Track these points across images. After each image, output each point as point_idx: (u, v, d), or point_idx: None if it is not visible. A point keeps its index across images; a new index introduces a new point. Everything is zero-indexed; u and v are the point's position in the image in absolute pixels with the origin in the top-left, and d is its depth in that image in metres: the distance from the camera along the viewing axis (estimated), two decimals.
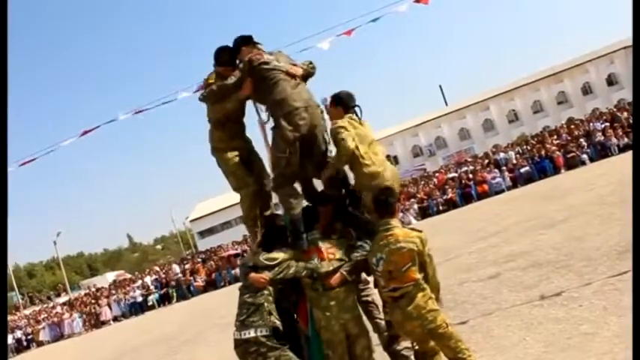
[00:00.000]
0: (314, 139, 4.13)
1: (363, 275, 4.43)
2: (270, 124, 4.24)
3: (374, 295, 4.58)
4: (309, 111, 4.04)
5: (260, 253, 4.07)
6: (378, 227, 3.81)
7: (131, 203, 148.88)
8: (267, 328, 3.78)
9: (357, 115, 4.24)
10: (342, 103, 4.23)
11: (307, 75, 4.32)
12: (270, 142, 4.35)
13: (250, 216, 4.51)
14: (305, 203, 4.33)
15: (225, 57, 4.33)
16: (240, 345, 3.86)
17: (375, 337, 4.40)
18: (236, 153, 4.39)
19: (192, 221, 69.54)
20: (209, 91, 4.21)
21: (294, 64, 4.25)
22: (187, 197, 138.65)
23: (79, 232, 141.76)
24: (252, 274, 3.95)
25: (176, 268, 28.54)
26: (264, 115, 4.36)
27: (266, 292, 3.89)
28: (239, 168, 4.39)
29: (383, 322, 4.42)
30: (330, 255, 3.94)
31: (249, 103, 4.52)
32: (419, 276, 3.90)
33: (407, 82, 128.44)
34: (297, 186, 4.34)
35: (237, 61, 4.31)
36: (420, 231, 3.94)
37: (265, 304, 3.86)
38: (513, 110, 59.50)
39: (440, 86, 78.07)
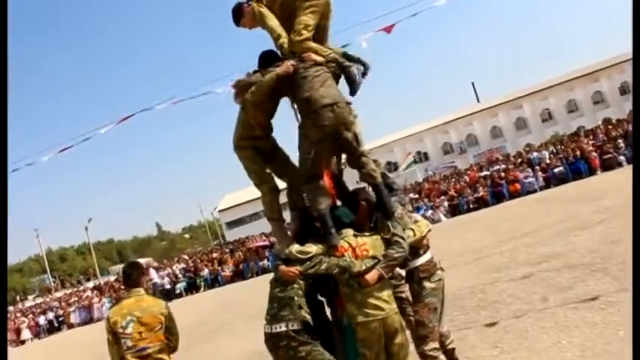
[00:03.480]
0: (343, 139, 4.06)
1: (398, 270, 4.38)
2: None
3: (407, 292, 4.52)
4: (335, 110, 3.95)
5: (293, 245, 4.03)
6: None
7: (161, 192, 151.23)
8: (297, 322, 3.74)
9: None
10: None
11: (340, 66, 4.26)
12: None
13: (273, 209, 4.54)
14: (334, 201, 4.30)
15: (267, 61, 4.34)
16: (270, 339, 3.84)
17: (408, 335, 4.34)
18: (256, 151, 4.43)
19: (220, 211, 70.20)
20: (246, 83, 4.23)
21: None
22: (216, 188, 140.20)
23: (110, 219, 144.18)
24: (282, 267, 3.92)
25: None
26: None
27: (296, 285, 3.85)
28: (259, 164, 4.45)
29: (413, 321, 4.36)
30: (363, 252, 3.87)
31: (285, 103, 4.51)
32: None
33: (439, 79, 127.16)
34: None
35: None
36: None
37: (295, 297, 3.82)
38: (547, 109, 58.38)
39: (472, 83, 76.79)
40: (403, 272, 4.39)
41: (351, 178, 4.74)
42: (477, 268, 9.95)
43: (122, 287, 28.07)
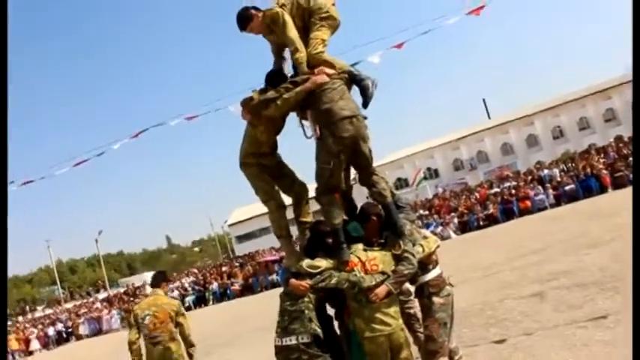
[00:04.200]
0: (359, 151, 4.11)
1: (406, 286, 4.41)
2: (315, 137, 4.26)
3: (416, 307, 4.55)
4: (354, 123, 4.02)
5: (303, 259, 4.09)
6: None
7: (172, 205, 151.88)
8: (308, 335, 3.78)
9: None
10: None
11: (353, 78, 4.33)
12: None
13: (281, 226, 4.57)
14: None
15: (276, 79, 4.40)
16: (281, 352, 3.88)
17: (415, 350, 4.37)
18: (262, 168, 4.47)
19: (230, 225, 70.37)
20: (262, 101, 4.22)
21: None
22: (226, 202, 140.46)
23: (120, 231, 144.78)
24: (293, 281, 3.97)
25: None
26: (309, 131, 4.37)
27: (306, 299, 3.89)
28: (265, 181, 4.49)
29: (422, 336, 4.39)
30: (373, 267, 3.91)
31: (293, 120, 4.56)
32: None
33: (450, 95, 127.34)
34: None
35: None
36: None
37: (306, 311, 3.86)
38: (558, 126, 58.21)
39: (483, 100, 76.69)
40: (412, 288, 4.43)
41: (360, 194, 4.79)
42: (486, 284, 9.94)
43: (132, 299, 28.24)
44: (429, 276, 4.19)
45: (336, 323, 4.29)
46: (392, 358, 3.82)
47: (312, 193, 4.52)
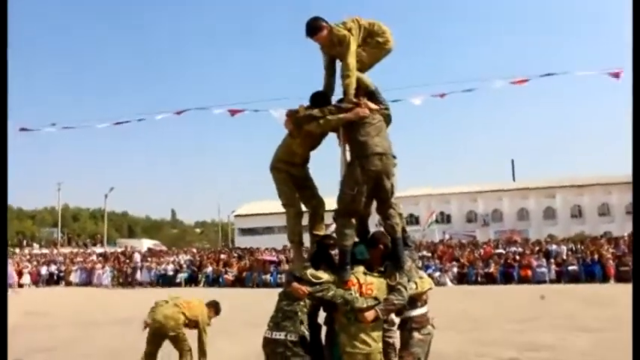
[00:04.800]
0: (381, 185, 4.48)
1: (392, 317, 4.78)
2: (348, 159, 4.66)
3: (395, 338, 4.91)
4: (383, 160, 4.38)
5: (308, 267, 4.47)
6: None
7: (185, 181, 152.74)
8: (296, 335, 4.14)
9: None
10: None
11: (386, 118, 4.75)
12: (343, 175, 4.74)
13: (295, 232, 4.89)
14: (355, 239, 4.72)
15: (320, 101, 4.73)
16: (268, 344, 4.23)
17: None
18: (290, 176, 4.81)
19: (236, 216, 70.81)
20: (306, 116, 4.61)
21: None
22: (238, 192, 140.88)
23: (130, 193, 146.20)
24: (294, 284, 4.34)
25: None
26: (348, 155, 4.75)
27: (302, 303, 4.25)
28: (289, 188, 4.81)
29: None
30: (368, 291, 4.25)
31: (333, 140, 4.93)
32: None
33: (481, 148, 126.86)
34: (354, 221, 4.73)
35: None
36: None
37: (299, 313, 4.21)
38: (579, 206, 58.07)
39: (512, 161, 76.91)
40: (397, 320, 4.78)
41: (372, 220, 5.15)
42: (469, 337, 10.21)
43: (127, 261, 28.82)
44: (415, 312, 4.55)
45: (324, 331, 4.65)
46: None
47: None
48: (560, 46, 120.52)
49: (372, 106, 4.56)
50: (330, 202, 4.80)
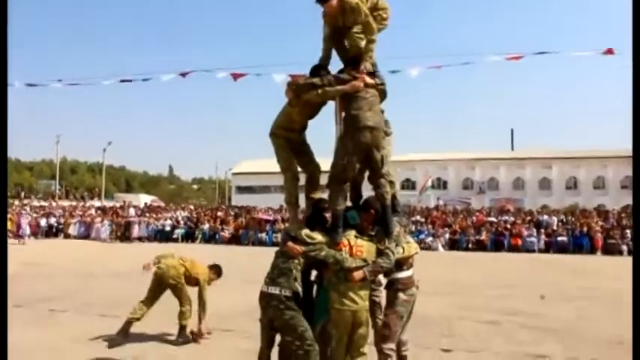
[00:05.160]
0: (372, 157, 4.77)
1: (379, 278, 5.11)
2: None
3: (381, 297, 5.25)
4: (373, 133, 4.65)
5: (303, 228, 4.78)
6: None
7: (183, 137, 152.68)
8: (289, 290, 4.48)
9: None
10: None
11: (381, 93, 4.99)
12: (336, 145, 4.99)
13: (292, 194, 5.16)
14: (349, 203, 5.02)
15: (319, 72, 4.93)
16: (264, 297, 4.58)
17: (371, 333, 5.07)
18: (288, 141, 5.05)
19: (234, 174, 71.17)
20: (306, 84, 4.85)
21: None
22: (236, 150, 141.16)
23: (128, 147, 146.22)
24: (290, 243, 4.65)
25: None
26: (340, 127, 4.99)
27: (296, 261, 4.58)
28: (287, 153, 5.05)
29: (380, 322, 5.10)
30: (358, 252, 4.58)
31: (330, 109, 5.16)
32: None
33: (480, 115, 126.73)
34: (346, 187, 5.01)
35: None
36: None
37: (293, 270, 4.54)
38: (574, 178, 58.60)
39: (512, 130, 76.99)
40: (384, 280, 5.12)
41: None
42: (454, 301, 10.65)
43: (124, 215, 29.27)
44: (402, 274, 4.88)
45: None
46: (351, 331, 4.54)
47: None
48: (559, 23, 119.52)
49: (369, 80, 4.78)
50: (326, 164, 5.03)
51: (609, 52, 6.94)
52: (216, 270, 7.63)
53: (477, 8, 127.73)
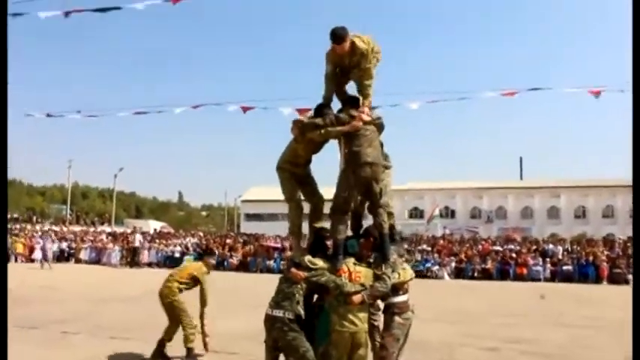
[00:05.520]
0: (371, 190, 5.13)
1: (378, 303, 5.42)
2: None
3: (380, 321, 5.55)
4: (372, 167, 5.03)
5: (306, 254, 5.12)
6: None
7: (193, 163, 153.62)
8: (292, 313, 4.79)
9: None
10: None
11: (379, 128, 5.37)
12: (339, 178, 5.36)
13: (295, 224, 5.54)
14: (349, 233, 5.37)
15: (323, 112, 5.30)
16: (269, 320, 4.89)
17: (370, 356, 5.35)
18: (293, 174, 5.44)
19: (243, 202, 71.59)
20: (310, 124, 5.25)
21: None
22: (245, 176, 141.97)
23: (138, 173, 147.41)
24: (293, 269, 4.99)
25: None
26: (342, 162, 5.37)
27: (299, 286, 4.91)
28: (292, 186, 5.45)
29: (378, 345, 5.39)
30: (357, 278, 4.90)
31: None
32: None
33: (489, 144, 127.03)
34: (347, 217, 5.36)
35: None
36: None
37: (296, 295, 4.87)
38: (583, 207, 58.54)
39: (520, 158, 76.79)
40: (382, 305, 5.43)
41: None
42: (458, 328, 10.83)
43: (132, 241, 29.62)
44: (397, 299, 5.19)
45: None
46: (350, 352, 4.83)
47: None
48: (556, 59, 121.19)
49: (367, 118, 5.17)
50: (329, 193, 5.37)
51: (596, 92, 7.29)
52: (206, 256, 7.88)
53: (473, 45, 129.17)
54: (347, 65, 5.35)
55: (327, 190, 5.45)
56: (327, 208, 5.42)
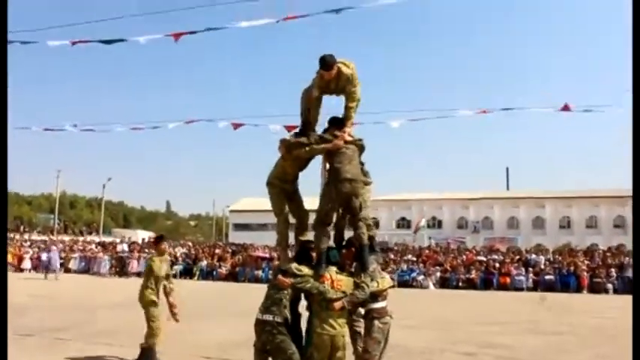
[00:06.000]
0: (350, 204, 5.56)
1: (360, 310, 5.86)
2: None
3: (362, 327, 5.97)
4: (351, 183, 5.46)
5: (293, 262, 5.56)
6: None
7: (181, 173, 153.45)
8: (280, 317, 5.20)
9: None
10: None
11: (360, 149, 5.84)
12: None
13: (283, 236, 5.95)
14: (331, 243, 5.82)
15: (307, 132, 5.79)
16: (259, 324, 5.29)
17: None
18: (282, 190, 5.87)
19: (231, 211, 71.69)
20: (295, 143, 5.69)
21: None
22: (233, 186, 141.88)
23: (127, 183, 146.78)
24: (280, 276, 5.41)
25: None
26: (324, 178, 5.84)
27: (286, 292, 5.32)
28: (281, 201, 5.87)
29: (360, 349, 5.82)
30: (338, 285, 5.33)
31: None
32: None
33: (475, 155, 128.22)
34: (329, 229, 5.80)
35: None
36: None
37: (283, 300, 5.28)
38: (567, 217, 59.46)
39: (507, 169, 77.58)
40: (363, 311, 5.87)
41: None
42: (438, 335, 11.29)
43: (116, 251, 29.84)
44: (376, 305, 5.63)
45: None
46: (330, 354, 5.26)
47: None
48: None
49: (348, 137, 5.65)
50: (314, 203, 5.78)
51: (566, 108, 7.83)
52: (155, 240, 8.67)
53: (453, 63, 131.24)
54: (332, 89, 5.82)
55: (312, 200, 5.87)
56: (311, 219, 5.88)
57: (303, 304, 5.54)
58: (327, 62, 5.55)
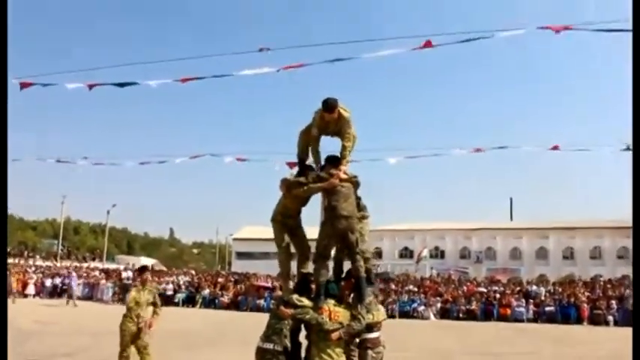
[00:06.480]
0: (347, 239, 5.90)
1: (356, 340, 6.18)
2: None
3: (356, 357, 6.27)
4: (347, 220, 5.83)
5: (294, 293, 5.91)
6: None
7: (185, 201, 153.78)
8: (281, 346, 5.51)
9: None
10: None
11: (356, 185, 6.24)
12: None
13: (285, 268, 6.32)
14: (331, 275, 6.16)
15: (306, 171, 6.22)
16: (260, 352, 5.59)
17: None
18: (285, 225, 6.25)
19: (235, 240, 71.74)
20: (294, 182, 6.12)
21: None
22: (237, 215, 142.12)
23: (131, 209, 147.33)
24: (282, 307, 5.76)
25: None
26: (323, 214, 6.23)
27: (287, 322, 5.64)
28: (283, 235, 6.24)
29: None
30: (335, 317, 5.65)
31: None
32: None
33: (479, 183, 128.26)
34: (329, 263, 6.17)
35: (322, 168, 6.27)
36: None
37: (284, 329, 5.59)
38: (571, 248, 59.36)
39: (510, 199, 77.67)
40: (358, 341, 6.18)
41: None
42: None
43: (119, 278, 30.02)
44: (371, 335, 5.95)
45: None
46: None
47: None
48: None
49: (343, 176, 6.06)
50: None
51: (555, 148, 8.25)
52: (139, 272, 9.56)
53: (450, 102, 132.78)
54: (330, 131, 6.27)
55: (315, 229, 6.18)
56: (313, 249, 6.25)
57: (303, 333, 5.87)
58: (330, 105, 5.98)
